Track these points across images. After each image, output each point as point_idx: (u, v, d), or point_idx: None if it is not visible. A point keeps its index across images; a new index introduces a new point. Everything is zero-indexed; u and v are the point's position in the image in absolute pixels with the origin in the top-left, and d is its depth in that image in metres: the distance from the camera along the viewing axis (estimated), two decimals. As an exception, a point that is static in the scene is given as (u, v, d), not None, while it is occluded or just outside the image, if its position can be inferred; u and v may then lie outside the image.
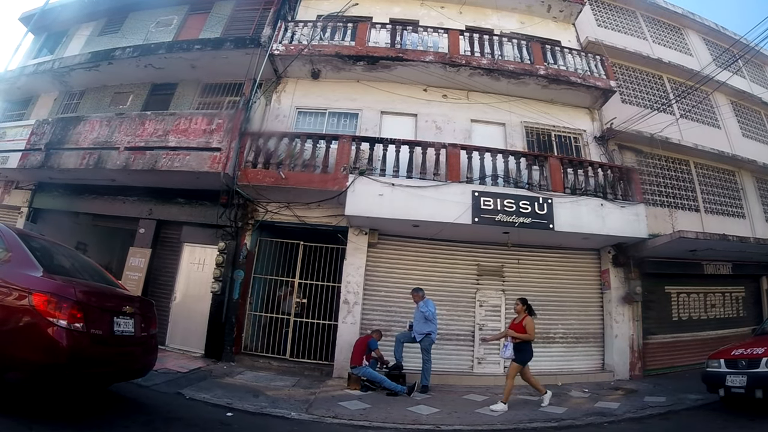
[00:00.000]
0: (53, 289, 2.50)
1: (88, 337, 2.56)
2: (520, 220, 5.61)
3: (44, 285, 2.52)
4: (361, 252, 5.81)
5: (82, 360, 2.52)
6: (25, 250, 2.78)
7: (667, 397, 4.89)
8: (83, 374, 2.61)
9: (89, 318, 2.56)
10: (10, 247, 2.78)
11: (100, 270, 3.73)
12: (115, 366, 2.92)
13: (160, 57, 7.33)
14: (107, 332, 2.76)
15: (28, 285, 2.49)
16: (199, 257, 6.40)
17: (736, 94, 7.91)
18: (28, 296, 2.43)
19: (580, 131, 7.18)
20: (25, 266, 2.66)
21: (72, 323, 2.43)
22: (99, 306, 2.76)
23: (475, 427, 3.82)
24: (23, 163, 7.20)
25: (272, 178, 5.63)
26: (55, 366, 2.41)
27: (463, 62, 6.61)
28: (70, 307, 2.44)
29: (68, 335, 2.41)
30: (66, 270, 3.07)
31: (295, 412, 3.79)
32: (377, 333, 5.12)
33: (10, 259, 2.69)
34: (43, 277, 2.58)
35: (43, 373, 2.44)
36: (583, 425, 3.93)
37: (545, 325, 6.22)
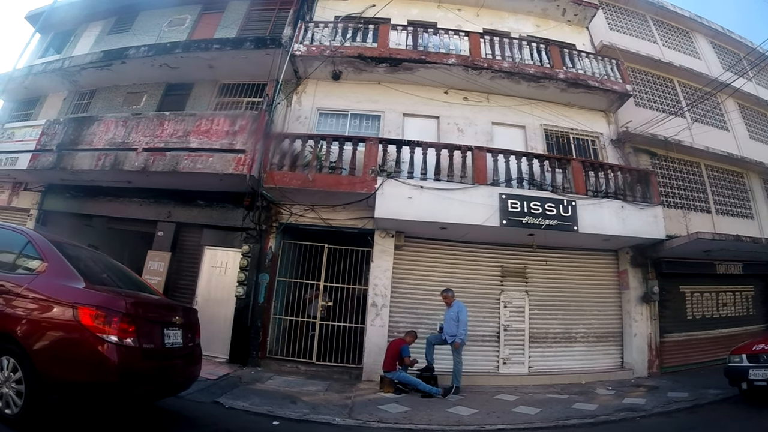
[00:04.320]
0: (101, 302, 2.32)
1: (140, 353, 2.39)
2: (547, 222, 5.69)
3: (90, 298, 2.34)
4: (388, 254, 5.81)
5: (133, 377, 2.35)
6: (63, 260, 2.59)
7: (689, 392, 5.04)
8: (134, 392, 2.44)
9: (140, 332, 2.40)
10: (45, 257, 2.58)
11: (135, 276, 3.59)
12: (164, 380, 2.77)
13: (176, 56, 7.20)
14: (158, 345, 2.60)
15: (72, 298, 2.30)
16: (221, 260, 6.31)
17: (744, 97, 8.13)
18: (73, 311, 2.24)
19: (597, 134, 7.31)
20: (66, 277, 2.47)
21: (123, 338, 2.27)
22: (149, 318, 2.60)
23: (518, 426, 3.89)
24: (33, 164, 7.00)
25: (299, 180, 5.58)
26: (105, 385, 2.23)
27: (485, 65, 6.65)
28: (120, 320, 2.27)
29: (119, 352, 2.24)
30: (105, 279, 2.91)
31: (339, 417, 3.78)
32: (411, 335, 5.12)
33: (47, 269, 2.50)
34: (86, 288, 2.40)
35: (92, 394, 2.25)
36: (617, 420, 4.07)
37: (567, 325, 6.34)
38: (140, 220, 6.92)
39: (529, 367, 6.06)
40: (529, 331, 6.15)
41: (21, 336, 2.25)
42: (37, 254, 2.62)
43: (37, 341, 2.24)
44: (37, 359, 2.19)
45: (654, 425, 3.98)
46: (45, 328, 2.27)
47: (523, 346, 6.12)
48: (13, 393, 2.26)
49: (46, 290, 2.38)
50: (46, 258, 2.57)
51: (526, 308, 6.24)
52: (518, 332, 6.14)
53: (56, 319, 2.27)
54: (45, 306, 2.32)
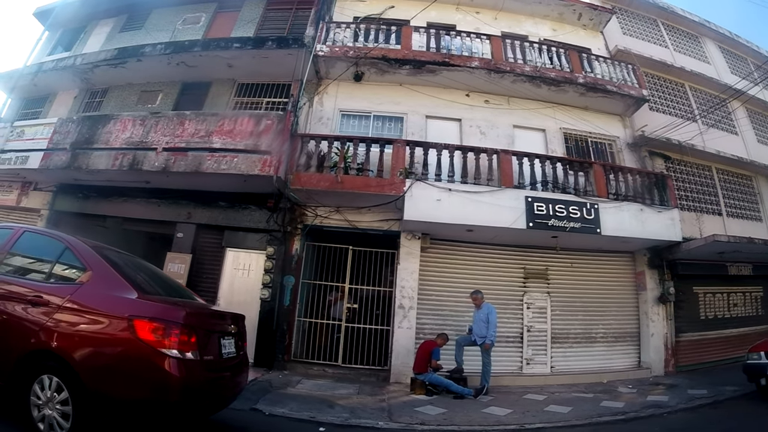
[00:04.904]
0: (159, 314, 2.16)
1: (202, 366, 2.25)
2: (571, 225, 5.77)
3: (146, 309, 2.17)
4: (414, 256, 5.83)
5: (194, 392, 2.19)
6: (109, 268, 2.40)
7: (707, 389, 5.20)
8: (195, 408, 2.28)
9: (200, 343, 2.25)
10: (88, 265, 2.37)
11: (174, 281, 3.48)
12: (221, 393, 2.62)
13: (194, 54, 7.10)
14: (216, 357, 2.46)
15: (126, 311, 2.12)
16: (244, 263, 6.25)
17: (752, 101, 8.35)
18: (129, 324, 2.06)
19: (614, 137, 7.43)
20: (115, 287, 2.27)
21: (185, 351, 2.11)
22: (206, 328, 2.45)
23: (555, 425, 3.97)
24: (45, 163, 6.84)
25: (327, 182, 5.56)
26: (165, 403, 2.07)
27: (507, 69, 6.71)
28: (181, 332, 2.11)
29: (181, 366, 2.07)
30: (152, 287, 2.70)
31: (381, 421, 3.80)
32: (442, 337, 5.15)
33: (91, 279, 2.29)
34: (139, 299, 2.23)
35: (151, 412, 2.07)
36: (646, 416, 4.22)
37: (587, 325, 6.45)
38: (157, 221, 6.81)
39: (551, 367, 6.15)
40: (551, 331, 6.24)
41: (66, 353, 2.07)
42: (79, 262, 2.42)
43: (87, 359, 2.06)
44: (87, 378, 2.01)
45: (682, 420, 4.14)
46: (96, 344, 2.09)
47: (546, 346, 6.20)
48: (57, 415, 2.07)
49: (94, 302, 2.18)
50: (89, 266, 2.37)
51: (548, 309, 6.33)
52: (541, 333, 6.22)
53: (109, 334, 2.09)
54: (94, 320, 2.13)
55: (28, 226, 2.91)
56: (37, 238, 2.79)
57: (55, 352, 2.09)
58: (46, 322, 2.16)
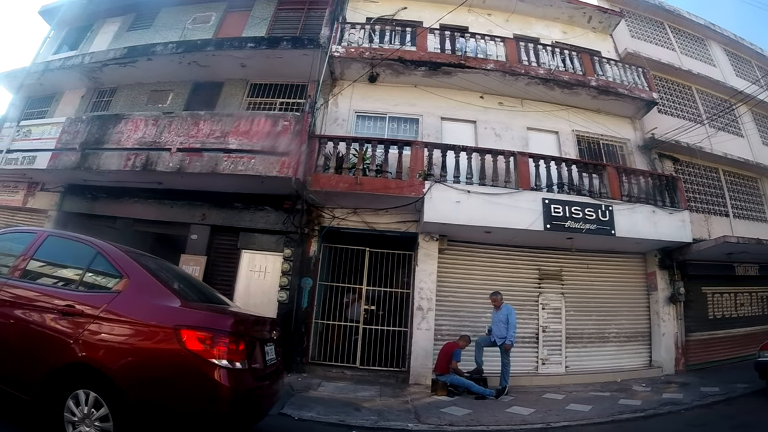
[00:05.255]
0: (206, 322, 2.08)
1: (250, 375, 2.18)
2: (587, 227, 5.84)
3: (192, 318, 2.08)
4: (432, 258, 5.85)
5: (243, 402, 2.12)
6: (147, 275, 2.29)
7: (719, 387, 5.31)
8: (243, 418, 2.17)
9: (248, 352, 2.18)
10: (124, 271, 2.25)
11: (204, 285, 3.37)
12: (266, 402, 2.52)
13: (207, 54, 7.03)
14: (262, 365, 2.38)
15: (171, 320, 2.02)
16: (260, 264, 6.22)
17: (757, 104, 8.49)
18: (175, 334, 1.97)
19: (625, 140, 7.52)
20: (156, 295, 2.17)
21: (234, 361, 2.02)
22: (252, 335, 2.35)
23: (579, 422, 4.04)
24: (54, 163, 6.74)
25: (346, 183, 5.56)
26: (215, 415, 1.97)
27: (522, 71, 6.76)
28: (230, 342, 2.03)
29: (230, 377, 1.98)
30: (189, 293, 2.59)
31: (411, 423, 3.82)
32: (464, 339, 5.18)
33: (128, 287, 2.18)
34: (183, 307, 2.13)
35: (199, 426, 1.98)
36: (665, 413, 4.33)
37: (600, 325, 6.53)
38: (170, 222, 6.74)
39: (566, 366, 6.23)
40: (565, 331, 6.31)
41: (107, 367, 1.96)
42: (113, 269, 2.30)
43: (130, 372, 1.96)
44: (130, 392, 1.92)
45: (699, 416, 4.26)
46: (139, 357, 1.99)
47: (561, 346, 6.27)
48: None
49: (135, 312, 2.08)
50: (125, 273, 2.25)
51: (563, 310, 6.40)
52: (556, 333, 6.29)
53: (154, 346, 2.00)
54: (136, 330, 2.03)
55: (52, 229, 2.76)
56: (63, 242, 2.65)
57: (93, 365, 1.98)
58: (80, 334, 2.04)
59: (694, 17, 9.44)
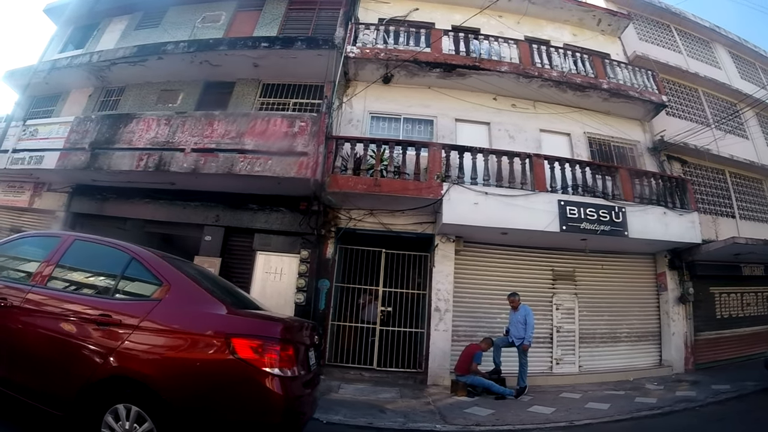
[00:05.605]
0: (257, 330, 2.00)
1: (300, 382, 2.11)
2: (602, 228, 5.90)
3: (242, 326, 2.01)
4: (449, 259, 5.88)
5: (294, 412, 2.04)
6: (189, 281, 2.19)
7: (729, 385, 5.42)
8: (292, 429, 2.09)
9: (297, 358, 2.11)
10: (164, 278, 2.15)
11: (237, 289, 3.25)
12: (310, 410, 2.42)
13: (219, 53, 6.97)
14: (308, 371, 2.31)
15: (221, 328, 1.94)
16: (276, 266, 6.19)
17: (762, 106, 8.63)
18: (226, 343, 1.88)
19: (635, 142, 7.61)
20: (200, 303, 2.08)
21: (285, 368, 1.95)
22: (299, 341, 2.27)
23: (601, 420, 4.11)
24: (63, 163, 6.65)
25: (365, 185, 5.56)
26: (267, 426, 1.91)
27: (535, 74, 6.80)
28: (281, 349, 1.96)
29: (283, 385, 1.91)
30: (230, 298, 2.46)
31: (438, 424, 3.85)
32: (487, 342, 5.21)
33: (170, 294, 2.07)
34: (230, 314, 2.04)
35: None
36: (681, 410, 4.43)
37: (612, 325, 6.61)
38: (183, 223, 6.67)
39: (579, 366, 6.30)
40: (579, 331, 6.38)
41: (151, 379, 1.87)
42: (151, 275, 2.19)
43: (178, 384, 1.87)
44: (179, 406, 1.83)
45: (714, 412, 4.38)
46: (188, 368, 1.89)
47: (574, 346, 6.34)
48: None
49: (180, 320, 1.99)
50: (165, 280, 2.14)
51: (576, 310, 6.47)
52: (569, 333, 6.36)
53: (203, 356, 1.89)
54: (183, 340, 1.93)
55: (78, 233, 2.58)
56: (92, 247, 2.51)
57: (136, 378, 1.89)
58: (119, 345, 1.93)
59: (700, 20, 9.57)
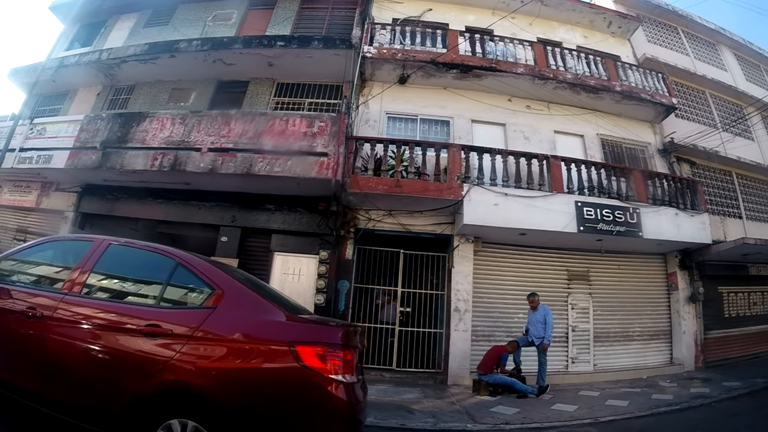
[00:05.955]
0: (321, 337, 1.92)
1: (360, 388, 2.04)
2: (617, 229, 5.98)
3: (306, 333, 1.94)
4: (468, 260, 5.91)
5: (357, 419, 1.97)
6: (245, 288, 2.11)
7: (740, 382, 5.53)
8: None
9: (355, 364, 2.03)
10: (216, 285, 2.04)
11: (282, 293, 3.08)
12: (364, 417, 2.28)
13: (234, 52, 6.91)
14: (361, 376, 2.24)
15: (285, 336, 1.86)
16: (294, 267, 6.17)
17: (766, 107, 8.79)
18: (291, 351, 1.79)
19: (646, 143, 7.71)
20: (257, 310, 2.00)
21: (348, 375, 1.88)
22: (356, 346, 2.18)
23: (623, 417, 4.17)
24: (73, 162, 6.55)
25: (386, 185, 5.56)
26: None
27: (550, 76, 6.85)
28: (344, 355, 1.88)
29: (348, 391, 1.85)
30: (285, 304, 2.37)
31: (469, 424, 3.88)
32: (513, 345, 5.25)
33: (224, 301, 1.97)
34: (290, 321, 1.99)
35: None
36: (698, 406, 4.55)
37: (625, 324, 6.71)
38: (198, 224, 6.61)
39: (594, 365, 6.38)
40: (593, 331, 6.46)
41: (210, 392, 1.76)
42: (201, 282, 2.09)
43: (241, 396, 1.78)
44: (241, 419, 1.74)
45: (730, 407, 4.49)
46: (250, 379, 1.80)
47: (589, 345, 6.43)
48: None
49: (238, 329, 1.88)
50: (218, 286, 2.03)
51: (591, 310, 6.55)
52: (584, 332, 6.44)
53: (267, 365, 1.80)
54: (243, 349, 1.84)
55: (112, 237, 2.42)
56: (130, 252, 2.36)
57: (196, 392, 1.78)
58: (172, 357, 1.81)
59: (705, 22, 9.70)
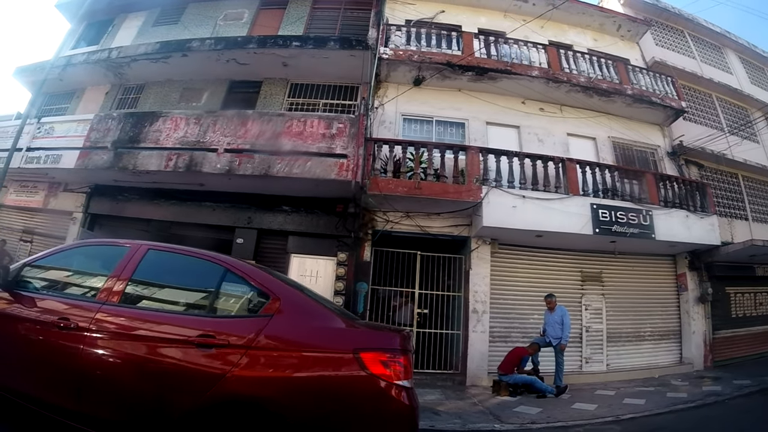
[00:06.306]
0: (383, 343, 1.87)
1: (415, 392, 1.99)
2: (631, 231, 6.06)
3: (368, 339, 1.90)
4: (485, 261, 5.95)
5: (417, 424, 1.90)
6: (301, 295, 2.06)
7: (750, 380, 5.65)
8: None
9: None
10: (272, 292, 1.97)
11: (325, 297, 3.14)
12: None
13: (248, 52, 6.85)
14: None
15: (348, 344, 1.82)
16: (311, 269, 6.15)
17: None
18: (356, 358, 1.75)
19: (656, 146, 7.82)
20: (316, 317, 1.95)
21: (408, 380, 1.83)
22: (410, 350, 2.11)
23: (643, 414, 4.27)
24: (83, 162, 6.46)
25: (405, 187, 5.57)
26: None
27: (564, 79, 6.91)
28: (405, 360, 1.83)
29: (410, 397, 1.79)
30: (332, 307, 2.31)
31: (497, 424, 3.93)
32: (533, 347, 5.30)
33: (282, 308, 1.89)
34: (350, 327, 1.95)
35: None
36: (712, 403, 4.68)
37: (637, 325, 6.81)
38: (212, 225, 6.55)
39: (607, 364, 6.47)
40: (606, 331, 6.55)
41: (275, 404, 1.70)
42: (254, 288, 2.03)
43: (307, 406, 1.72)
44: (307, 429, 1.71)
45: (743, 404, 4.63)
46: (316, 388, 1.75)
47: (602, 345, 6.51)
48: None
49: (300, 337, 1.83)
50: (272, 293, 1.96)
51: (604, 310, 6.63)
52: (597, 333, 6.52)
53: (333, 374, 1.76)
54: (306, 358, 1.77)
55: (149, 242, 2.29)
56: (172, 258, 2.25)
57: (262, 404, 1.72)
58: (232, 369, 1.74)
59: (711, 25, 9.84)
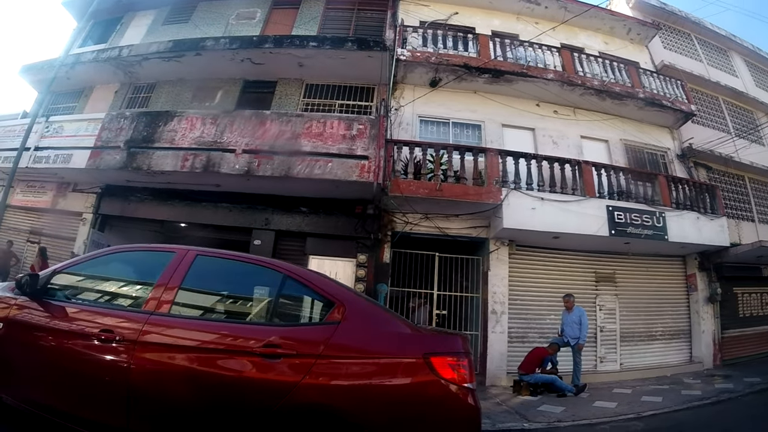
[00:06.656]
0: (449, 347, 1.85)
1: None
2: (645, 232, 6.16)
3: (435, 344, 1.88)
4: (504, 263, 6.00)
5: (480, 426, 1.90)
6: (364, 300, 2.04)
7: (760, 378, 5.76)
8: None
9: None
10: (336, 298, 1.94)
11: None
12: None
13: (264, 51, 6.81)
14: None
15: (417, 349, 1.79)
16: (330, 270, 6.09)
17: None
18: (426, 363, 1.74)
19: (666, 149, 7.93)
20: (383, 323, 1.94)
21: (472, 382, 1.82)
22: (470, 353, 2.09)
23: (662, 411, 4.35)
24: (95, 162, 6.38)
25: (426, 189, 5.59)
26: None
27: (578, 82, 6.98)
28: (468, 363, 1.82)
29: (474, 398, 1.79)
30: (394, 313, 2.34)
31: (525, 423, 3.97)
32: (553, 347, 5.36)
33: (347, 315, 1.86)
34: (414, 332, 1.93)
35: None
36: (726, 399, 4.78)
37: (649, 324, 6.92)
38: (228, 227, 6.52)
39: (620, 364, 6.56)
40: (620, 331, 6.64)
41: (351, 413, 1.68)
42: (316, 295, 2.00)
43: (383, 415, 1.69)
44: None
45: (756, 400, 4.74)
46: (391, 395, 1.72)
47: (615, 345, 6.61)
48: None
49: (369, 344, 1.81)
50: (336, 299, 1.92)
51: (617, 310, 6.73)
52: (611, 333, 6.61)
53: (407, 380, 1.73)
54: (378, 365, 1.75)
55: (197, 247, 2.18)
56: (224, 264, 2.18)
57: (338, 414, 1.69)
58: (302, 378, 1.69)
59: (717, 28, 9.99)
